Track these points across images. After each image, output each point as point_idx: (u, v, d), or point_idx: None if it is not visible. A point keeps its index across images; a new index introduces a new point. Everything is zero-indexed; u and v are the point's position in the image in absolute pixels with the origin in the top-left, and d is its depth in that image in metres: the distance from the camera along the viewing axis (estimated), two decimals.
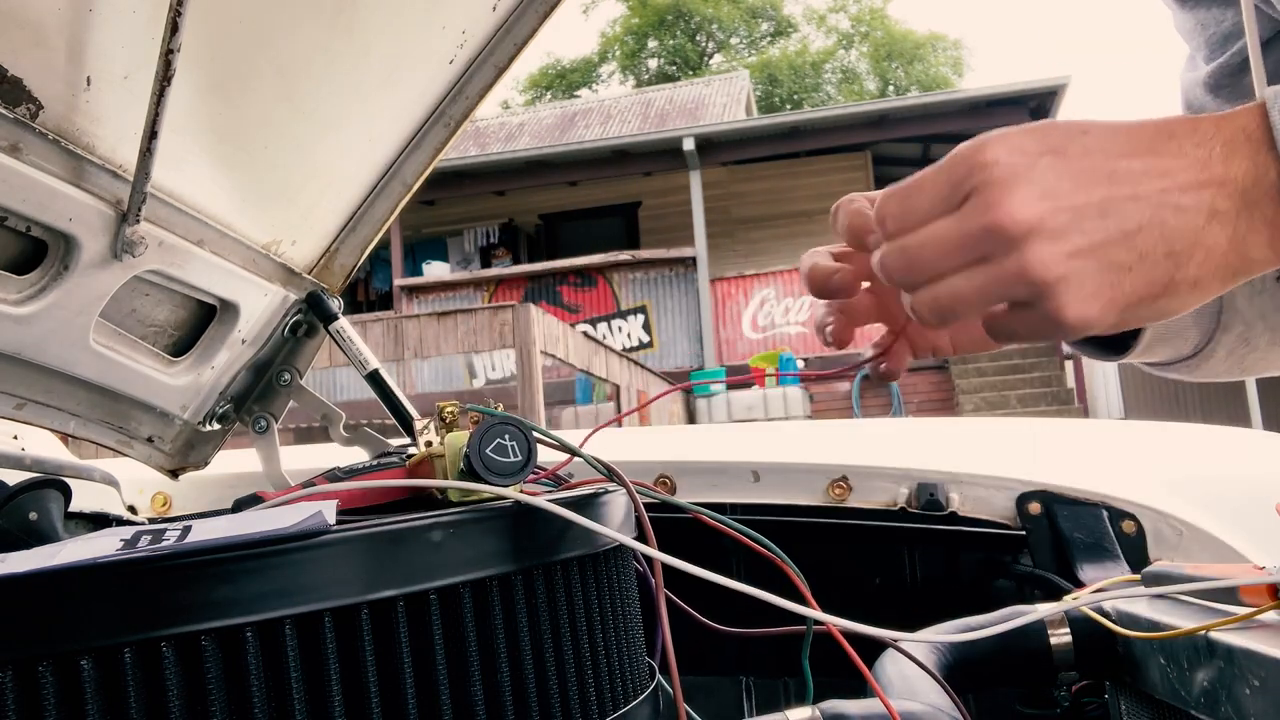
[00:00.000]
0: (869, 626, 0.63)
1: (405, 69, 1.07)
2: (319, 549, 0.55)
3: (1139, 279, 0.47)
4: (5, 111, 0.79)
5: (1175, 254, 0.47)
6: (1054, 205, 0.47)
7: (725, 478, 1.24)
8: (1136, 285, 0.47)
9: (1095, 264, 0.47)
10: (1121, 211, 0.47)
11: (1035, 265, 0.47)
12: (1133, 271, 0.47)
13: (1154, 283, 0.47)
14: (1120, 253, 0.47)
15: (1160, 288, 0.48)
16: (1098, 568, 1.02)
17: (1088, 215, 0.47)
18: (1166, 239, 0.47)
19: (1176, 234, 0.47)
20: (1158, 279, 0.47)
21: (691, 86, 17.42)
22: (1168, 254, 0.47)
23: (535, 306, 6.73)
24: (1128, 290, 0.47)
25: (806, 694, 0.73)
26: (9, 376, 0.97)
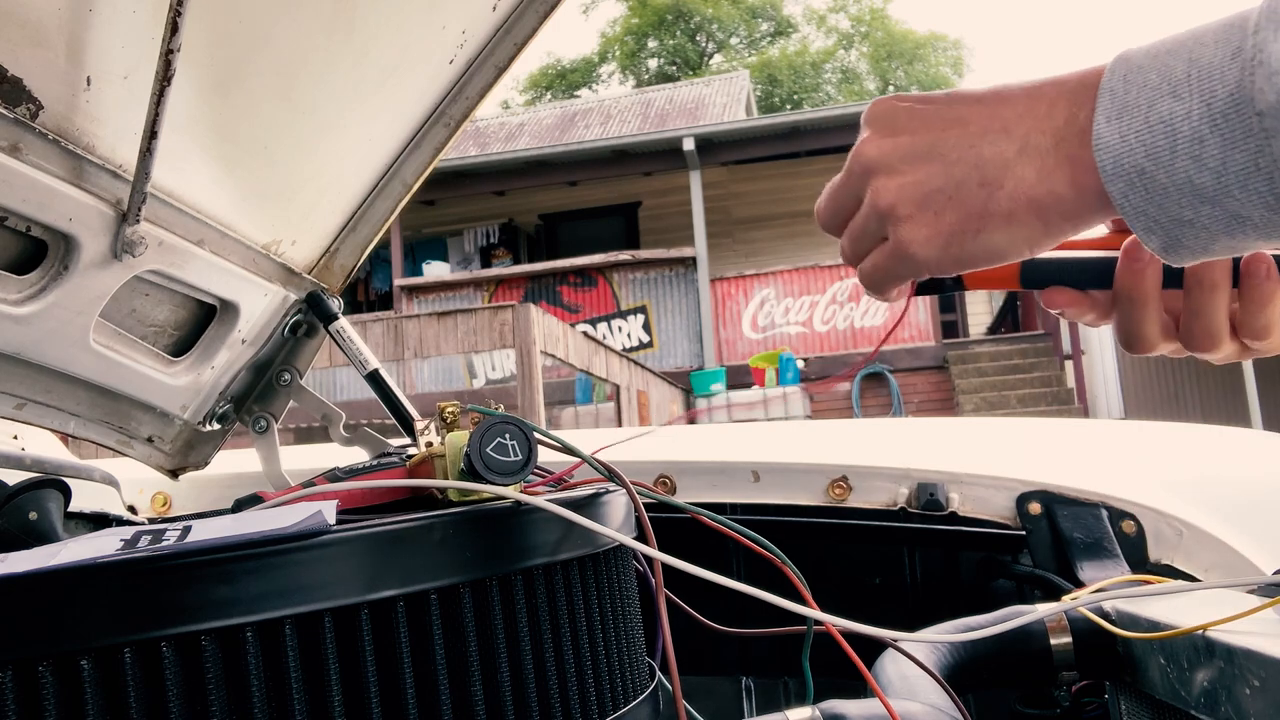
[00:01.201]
0: (869, 626, 0.63)
1: (405, 69, 1.07)
2: (319, 549, 0.55)
3: (957, 208, 0.52)
4: (5, 111, 0.79)
5: (988, 183, 0.51)
6: (893, 143, 0.54)
7: (725, 478, 1.24)
8: (956, 214, 0.52)
9: (921, 192, 0.53)
10: (945, 145, 0.53)
11: (875, 195, 0.55)
12: (951, 200, 0.52)
13: (970, 213, 0.52)
14: (940, 182, 0.53)
15: (977, 219, 0.52)
16: (1098, 568, 1.02)
17: (918, 150, 0.54)
18: (980, 169, 0.52)
19: (989, 164, 0.51)
20: (973, 208, 0.52)
21: (691, 86, 17.42)
22: (980, 183, 0.51)
23: (535, 306, 6.73)
24: (950, 220, 0.52)
25: (806, 694, 0.73)
26: (9, 376, 0.97)
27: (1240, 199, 0.46)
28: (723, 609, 0.88)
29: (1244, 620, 0.64)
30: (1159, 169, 0.47)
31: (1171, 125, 0.47)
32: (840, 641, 0.67)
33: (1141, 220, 0.49)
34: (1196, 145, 0.46)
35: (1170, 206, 0.47)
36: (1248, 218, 0.46)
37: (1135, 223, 0.49)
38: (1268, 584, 0.77)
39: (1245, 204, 0.46)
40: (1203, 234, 0.48)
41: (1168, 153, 0.47)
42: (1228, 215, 0.46)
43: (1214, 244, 0.48)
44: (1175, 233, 0.48)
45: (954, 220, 0.53)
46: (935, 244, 0.53)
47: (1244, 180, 0.45)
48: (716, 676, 1.30)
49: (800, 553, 0.80)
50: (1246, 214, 0.46)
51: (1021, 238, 0.52)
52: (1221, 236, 0.47)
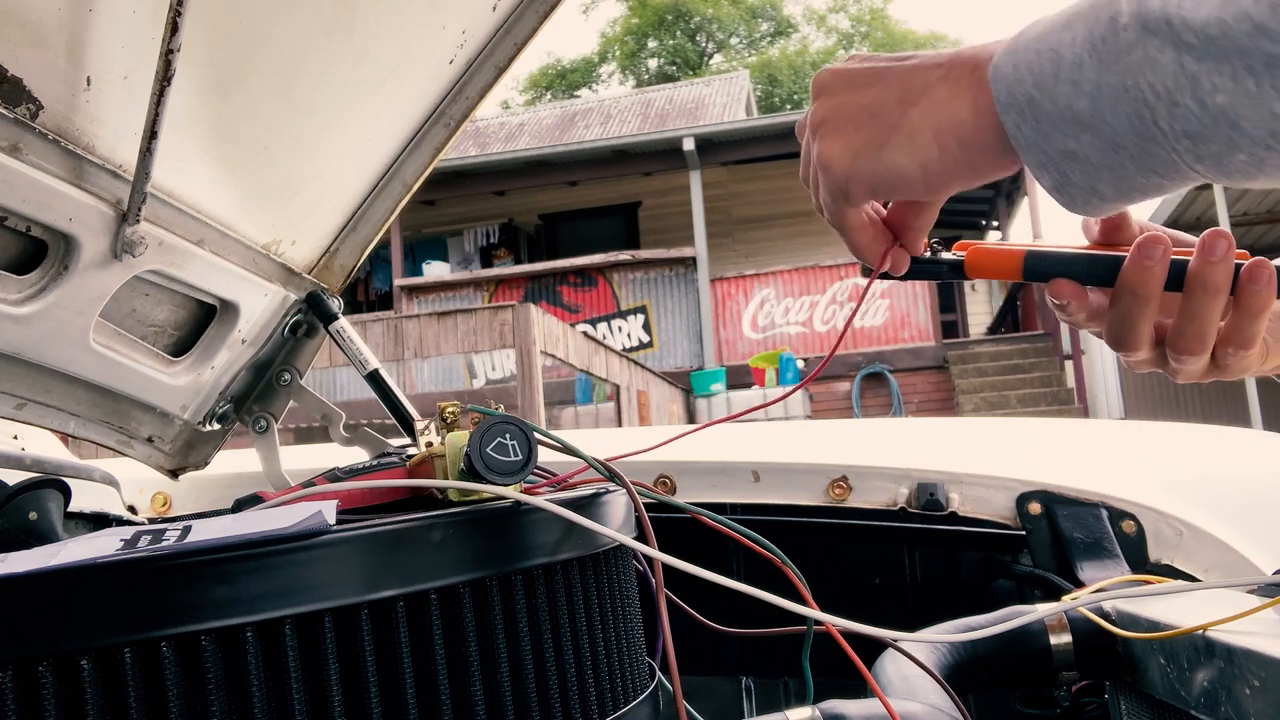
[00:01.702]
0: (869, 626, 0.63)
1: (405, 69, 1.07)
2: (319, 549, 0.55)
3: (873, 122, 0.56)
4: (5, 111, 0.79)
5: (906, 100, 0.55)
6: (832, 75, 0.59)
7: (725, 478, 1.24)
8: (870, 129, 0.56)
9: (849, 109, 0.57)
10: (877, 75, 0.57)
11: (811, 115, 0.60)
12: (873, 116, 0.56)
13: (882, 127, 0.55)
14: (868, 98, 0.57)
15: (885, 133, 0.55)
16: (1098, 568, 1.02)
17: (855, 81, 0.58)
18: (904, 87, 0.55)
19: (914, 84, 0.55)
20: (886, 123, 0.55)
21: (691, 86, 17.41)
22: (900, 99, 0.55)
23: (535, 306, 6.73)
24: (864, 134, 0.56)
25: (806, 694, 0.73)
26: (9, 376, 0.97)
27: (1113, 123, 0.46)
28: (723, 609, 0.88)
29: (1244, 620, 0.64)
30: (1044, 97, 0.48)
31: (1058, 52, 0.48)
32: (840, 641, 0.67)
33: (1033, 154, 0.50)
34: (1076, 70, 0.47)
35: (1055, 136, 0.48)
36: (1123, 145, 0.46)
37: (1028, 157, 0.50)
38: (1268, 584, 0.77)
39: (1119, 129, 0.46)
40: (1087, 168, 0.48)
41: (1052, 79, 0.48)
42: (1105, 143, 0.47)
43: (1098, 180, 0.49)
44: (1063, 167, 0.49)
45: (867, 134, 0.56)
46: (845, 156, 0.56)
47: (1115, 103, 0.46)
48: (716, 676, 1.30)
49: (800, 553, 0.80)
50: (1121, 141, 0.46)
51: (918, 160, 0.54)
52: (1104, 171, 0.48)
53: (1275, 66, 0.41)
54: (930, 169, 0.54)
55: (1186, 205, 10.67)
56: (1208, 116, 0.44)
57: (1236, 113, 0.43)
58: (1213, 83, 0.43)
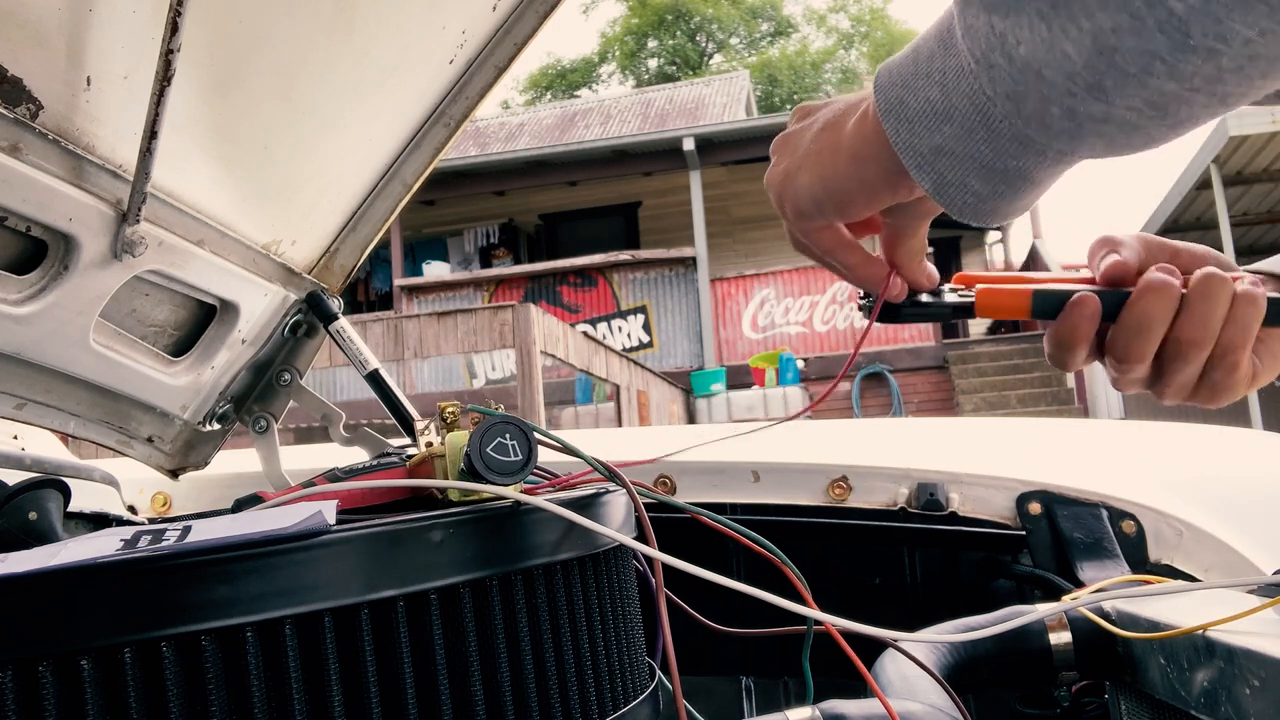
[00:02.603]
0: (869, 626, 0.63)
1: (405, 69, 1.07)
2: (319, 549, 0.55)
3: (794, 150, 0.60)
4: (5, 111, 0.79)
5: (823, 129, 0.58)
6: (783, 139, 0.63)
7: (725, 478, 1.24)
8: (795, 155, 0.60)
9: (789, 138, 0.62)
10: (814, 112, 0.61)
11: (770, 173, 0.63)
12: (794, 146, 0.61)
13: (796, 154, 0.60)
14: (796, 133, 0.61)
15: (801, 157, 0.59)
16: (1098, 568, 1.02)
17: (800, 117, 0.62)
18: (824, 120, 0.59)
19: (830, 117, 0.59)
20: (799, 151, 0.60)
21: (691, 86, 17.41)
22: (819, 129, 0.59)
23: (535, 306, 6.73)
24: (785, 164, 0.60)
25: (806, 694, 0.73)
26: (9, 376, 0.97)
27: (960, 105, 0.48)
28: (723, 609, 0.88)
29: (1244, 620, 0.64)
30: (908, 93, 0.50)
31: (918, 49, 0.51)
32: (840, 641, 0.67)
33: (911, 156, 0.51)
34: (929, 61, 0.49)
35: (923, 132, 0.50)
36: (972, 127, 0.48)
37: (909, 161, 0.51)
38: (1268, 584, 0.77)
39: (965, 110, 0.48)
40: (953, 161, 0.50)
41: (913, 75, 0.50)
42: (960, 130, 0.48)
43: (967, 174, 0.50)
44: (936, 165, 0.50)
45: (785, 164, 0.60)
46: (775, 179, 0.61)
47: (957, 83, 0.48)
48: (716, 676, 1.30)
49: (800, 553, 0.80)
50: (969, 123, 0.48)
51: (818, 178, 0.58)
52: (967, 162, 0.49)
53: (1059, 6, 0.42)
54: (829, 187, 0.58)
55: (1186, 206, 10.66)
56: (1016, 71, 0.45)
57: (1038, 60, 0.43)
58: (1015, 36, 0.44)
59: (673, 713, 0.67)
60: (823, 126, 0.59)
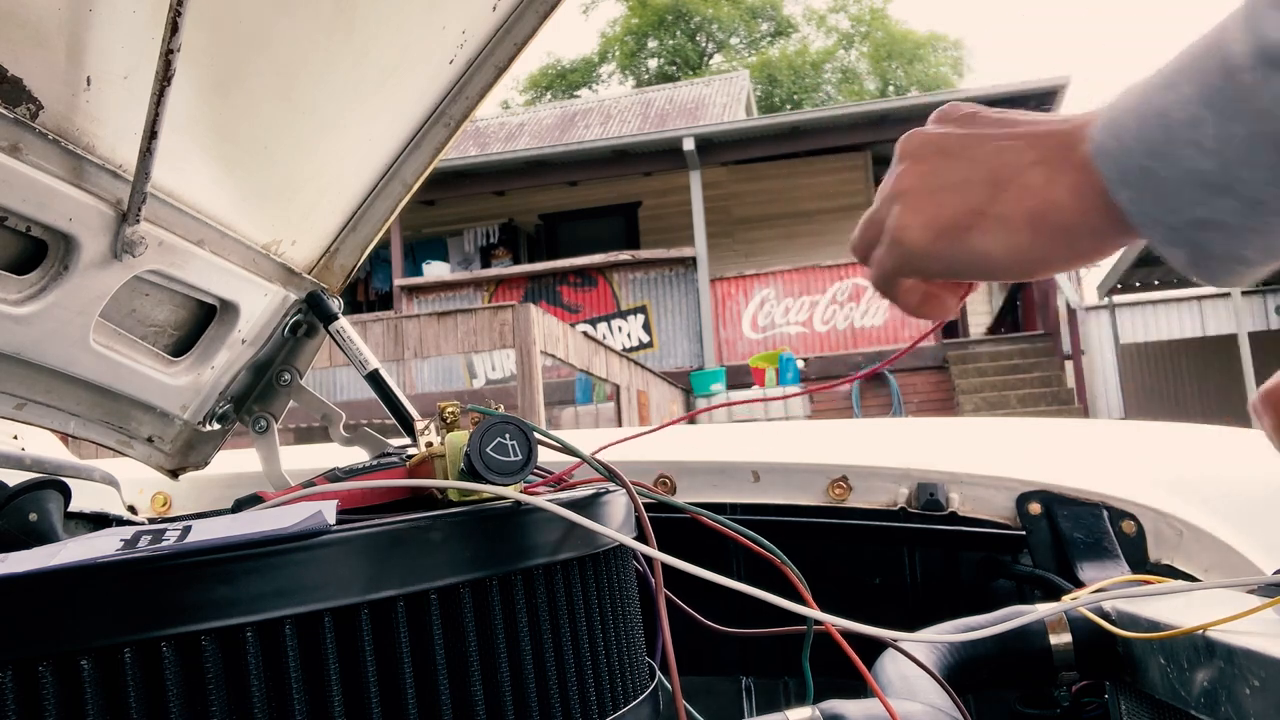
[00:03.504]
0: (869, 626, 0.63)
1: (405, 69, 1.07)
2: (319, 549, 0.55)
3: (959, 200, 0.52)
4: (5, 111, 0.79)
5: (996, 182, 0.51)
6: (921, 141, 0.56)
7: (725, 478, 1.24)
8: (956, 207, 0.52)
9: (934, 180, 0.54)
10: (965, 147, 0.54)
11: (896, 179, 0.56)
12: (957, 192, 0.53)
13: (969, 208, 0.52)
14: (954, 173, 0.53)
15: (972, 215, 0.52)
16: (1098, 568, 1.02)
17: (948, 145, 0.55)
18: (992, 169, 0.52)
19: (1005, 165, 0.52)
20: (973, 204, 0.52)
21: (691, 86, 17.41)
22: (989, 181, 0.52)
23: (535, 306, 6.72)
24: (948, 212, 0.53)
25: (807, 694, 0.73)
26: (9, 376, 0.97)
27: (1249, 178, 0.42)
28: (723, 609, 0.88)
29: (1244, 620, 0.64)
30: (1160, 164, 0.44)
31: (1166, 115, 0.44)
32: (840, 641, 0.67)
33: (1159, 231, 0.45)
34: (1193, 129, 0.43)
35: (1182, 206, 0.44)
36: (1263, 200, 0.42)
37: (1153, 234, 0.45)
38: (1268, 584, 0.77)
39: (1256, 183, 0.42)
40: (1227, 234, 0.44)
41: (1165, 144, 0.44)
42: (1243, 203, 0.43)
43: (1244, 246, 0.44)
44: (1197, 238, 0.44)
45: (952, 213, 0.53)
46: (927, 233, 0.53)
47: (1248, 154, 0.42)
48: (716, 676, 1.30)
49: (800, 553, 0.80)
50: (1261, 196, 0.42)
51: (1009, 245, 0.51)
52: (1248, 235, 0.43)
53: None
54: (1022, 255, 0.51)
55: None
56: None
57: None
58: None
59: (673, 713, 0.67)
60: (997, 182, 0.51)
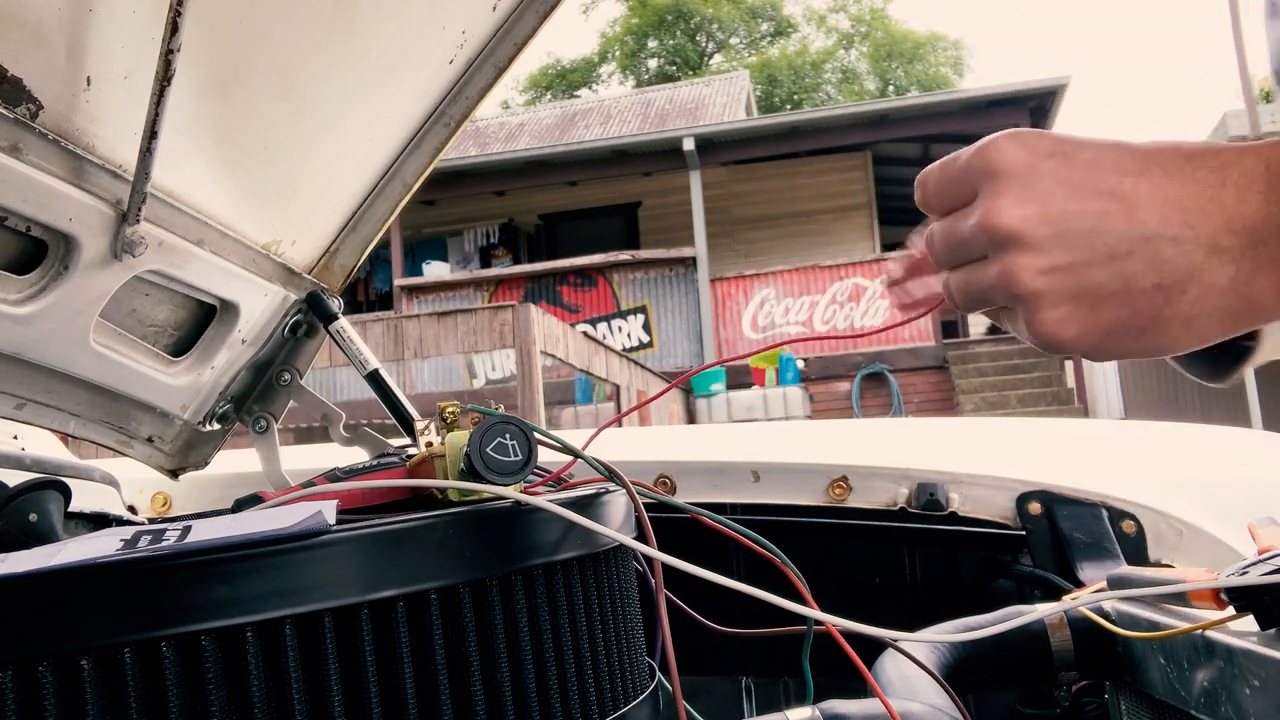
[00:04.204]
0: (869, 626, 0.63)
1: (405, 69, 1.07)
2: (319, 549, 0.55)
3: (1122, 308, 0.44)
4: (5, 111, 0.79)
5: (1166, 288, 0.43)
6: (1041, 212, 0.45)
7: (725, 478, 1.24)
8: (1120, 314, 0.45)
9: (1074, 284, 0.45)
10: (1112, 231, 0.44)
11: (1011, 274, 0.46)
12: (1115, 299, 0.44)
13: (1139, 314, 0.44)
14: (1102, 276, 0.44)
15: (1147, 320, 0.44)
16: (1098, 568, 1.02)
17: (1075, 230, 0.45)
18: (1157, 269, 0.43)
19: (1170, 266, 0.43)
20: (1143, 311, 0.44)
21: (691, 86, 17.41)
22: (1157, 286, 0.44)
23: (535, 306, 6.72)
24: (1109, 318, 0.45)
25: (807, 694, 0.73)
26: (9, 376, 0.97)
27: None
28: (723, 609, 0.88)
29: (1244, 620, 0.64)
30: None
31: None
32: (840, 641, 0.67)
33: None
34: None
35: None
36: None
37: None
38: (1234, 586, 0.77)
39: None
40: None
41: None
42: None
43: None
44: None
45: (1116, 319, 0.45)
46: (1089, 339, 0.45)
47: None
48: (716, 676, 1.30)
49: (800, 553, 0.80)
50: None
51: (1196, 339, 0.45)
52: None
53: None
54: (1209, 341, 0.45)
55: None
56: None
57: None
58: None
59: (673, 713, 0.67)
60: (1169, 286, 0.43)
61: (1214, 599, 0.64)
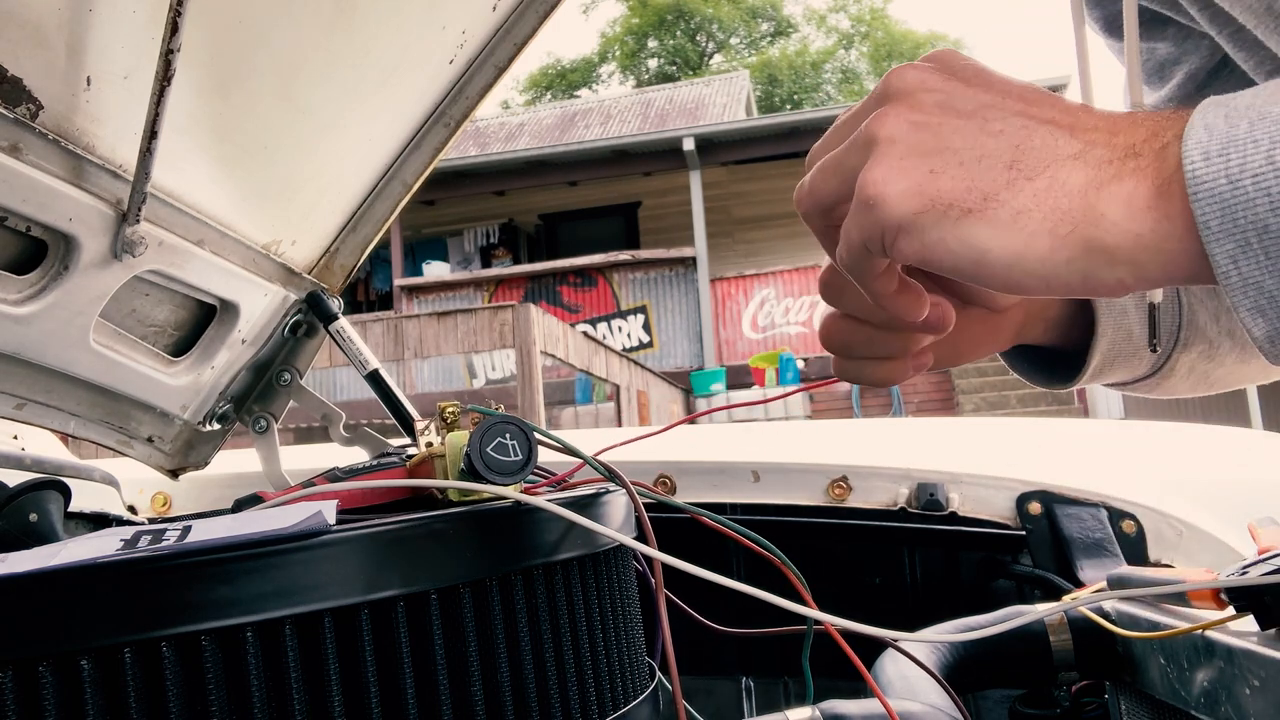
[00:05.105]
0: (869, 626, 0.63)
1: (405, 69, 1.07)
2: (319, 549, 0.55)
3: (962, 176, 0.41)
4: (5, 111, 0.79)
5: (1017, 166, 0.41)
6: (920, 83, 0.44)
7: (725, 478, 1.24)
8: (955, 182, 0.41)
9: (933, 141, 0.42)
10: (981, 110, 0.43)
11: (878, 119, 0.44)
12: (962, 165, 0.41)
13: (974, 190, 0.41)
14: (963, 139, 0.42)
15: (978, 199, 0.41)
16: (1098, 568, 1.02)
17: (960, 100, 0.43)
18: (1016, 149, 0.41)
19: (1034, 153, 0.41)
20: (980, 185, 0.41)
21: (691, 86, 17.42)
22: (1010, 164, 0.41)
23: (535, 306, 6.73)
24: (944, 185, 0.41)
25: (807, 694, 0.73)
26: (9, 376, 0.97)
27: None
28: (723, 609, 0.88)
29: (1244, 620, 0.64)
30: None
31: None
32: (840, 641, 0.67)
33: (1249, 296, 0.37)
34: None
35: None
36: None
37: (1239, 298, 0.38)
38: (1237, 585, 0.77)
39: None
40: None
41: None
42: None
43: None
44: None
45: (948, 186, 0.41)
46: (911, 200, 0.42)
47: None
48: (716, 676, 1.30)
49: (800, 553, 0.80)
50: None
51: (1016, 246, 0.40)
52: None
53: None
54: (1026, 265, 0.40)
55: None
56: None
57: None
58: None
59: (673, 713, 0.67)
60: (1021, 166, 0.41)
61: (1214, 599, 0.64)
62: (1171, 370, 0.72)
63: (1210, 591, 0.64)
